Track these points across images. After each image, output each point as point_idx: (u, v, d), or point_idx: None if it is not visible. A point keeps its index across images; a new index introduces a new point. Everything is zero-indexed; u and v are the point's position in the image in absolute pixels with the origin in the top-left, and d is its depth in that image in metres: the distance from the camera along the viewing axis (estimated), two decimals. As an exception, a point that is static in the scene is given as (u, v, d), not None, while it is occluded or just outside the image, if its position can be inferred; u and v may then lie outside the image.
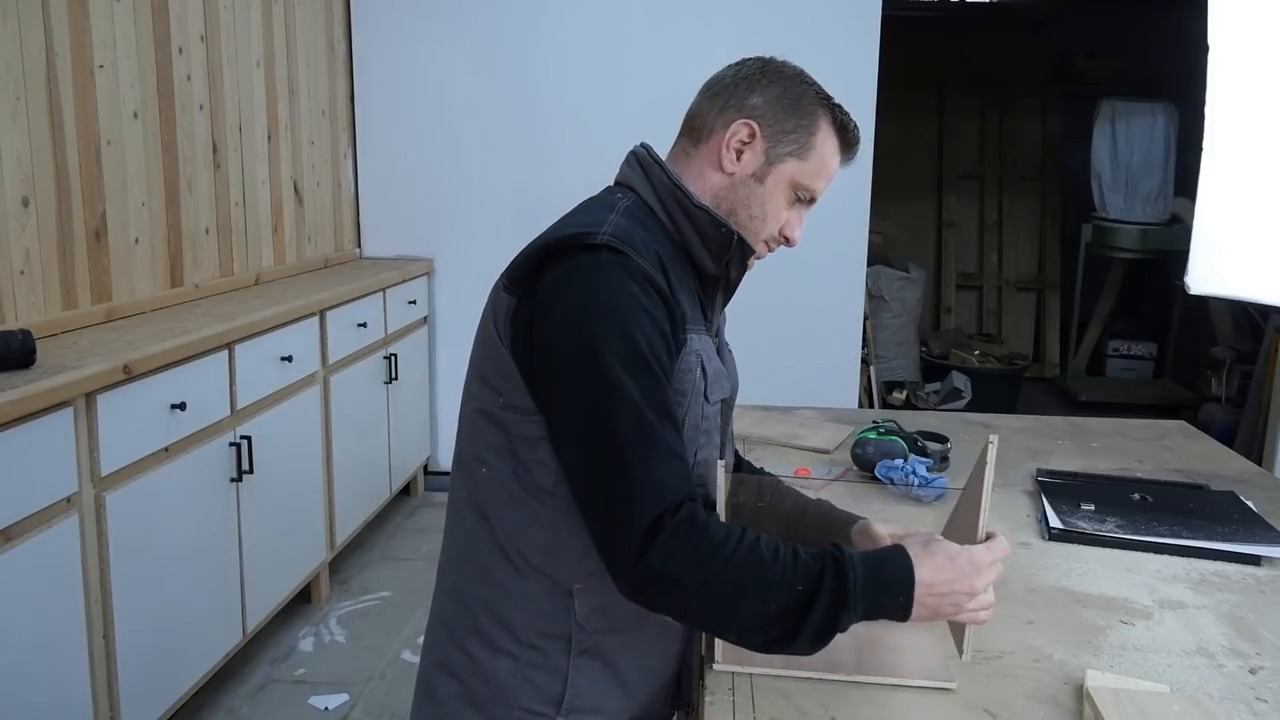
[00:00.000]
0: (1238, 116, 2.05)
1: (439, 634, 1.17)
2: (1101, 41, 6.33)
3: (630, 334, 0.98)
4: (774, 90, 1.14)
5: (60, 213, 2.28)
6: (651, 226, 1.11)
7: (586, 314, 0.99)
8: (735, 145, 1.14)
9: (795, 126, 1.14)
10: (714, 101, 1.16)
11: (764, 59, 1.18)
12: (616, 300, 0.99)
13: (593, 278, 1.01)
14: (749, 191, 1.15)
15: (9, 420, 1.71)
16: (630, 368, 0.97)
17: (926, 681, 1.06)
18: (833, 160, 1.18)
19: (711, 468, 1.10)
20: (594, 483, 0.98)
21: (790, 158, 1.14)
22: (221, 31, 2.96)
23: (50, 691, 1.84)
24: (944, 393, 5.51)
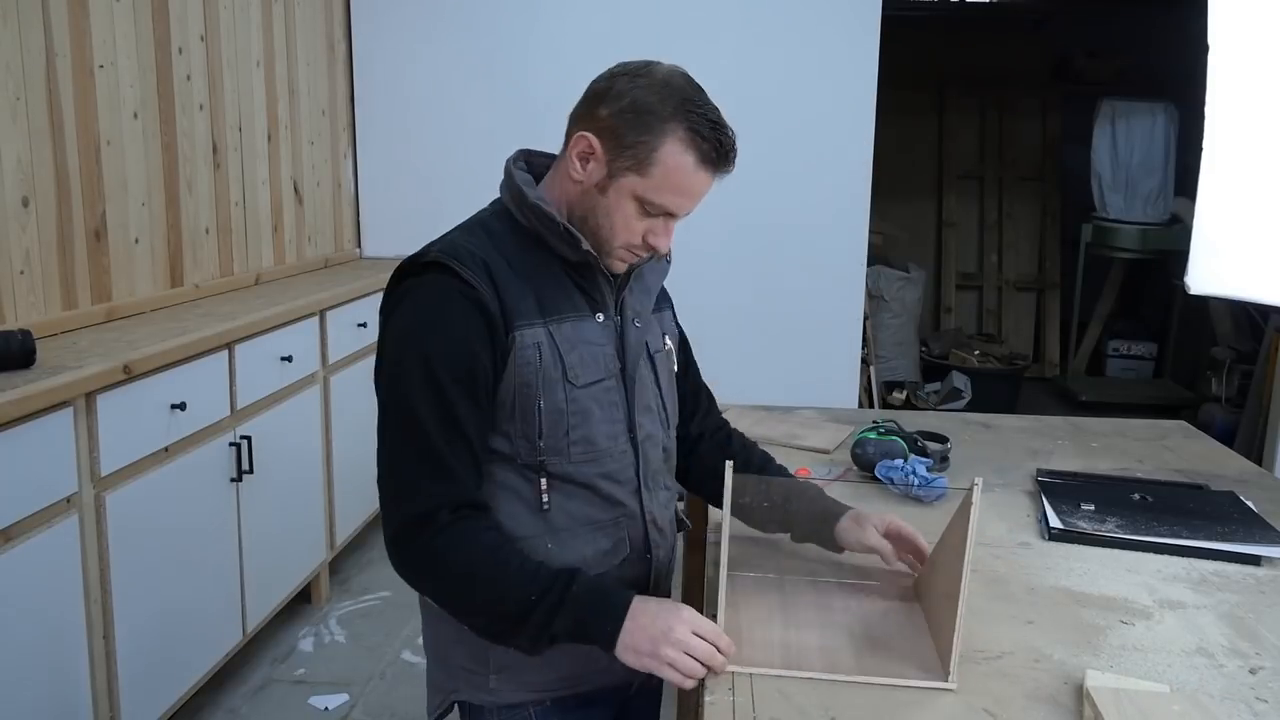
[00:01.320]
0: (1238, 116, 2.05)
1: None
2: (1101, 41, 6.33)
3: (426, 355, 1.12)
4: (624, 102, 1.14)
5: (60, 213, 2.28)
6: (500, 230, 1.21)
7: (397, 339, 1.16)
8: (578, 155, 1.17)
9: (635, 142, 1.14)
10: (579, 107, 1.20)
11: (636, 65, 1.18)
12: (423, 321, 1.14)
13: (412, 298, 1.16)
14: (594, 201, 1.18)
15: (9, 420, 1.71)
16: (422, 387, 1.12)
17: (926, 681, 1.06)
18: (685, 176, 1.15)
19: (598, 443, 1.21)
20: (379, 480, 1.16)
21: (629, 173, 1.15)
22: (221, 31, 2.96)
23: (50, 691, 1.84)
24: (944, 393, 5.51)
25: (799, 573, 1.32)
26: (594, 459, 1.21)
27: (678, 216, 1.20)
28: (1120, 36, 6.23)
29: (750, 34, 3.83)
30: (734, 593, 1.21)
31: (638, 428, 1.25)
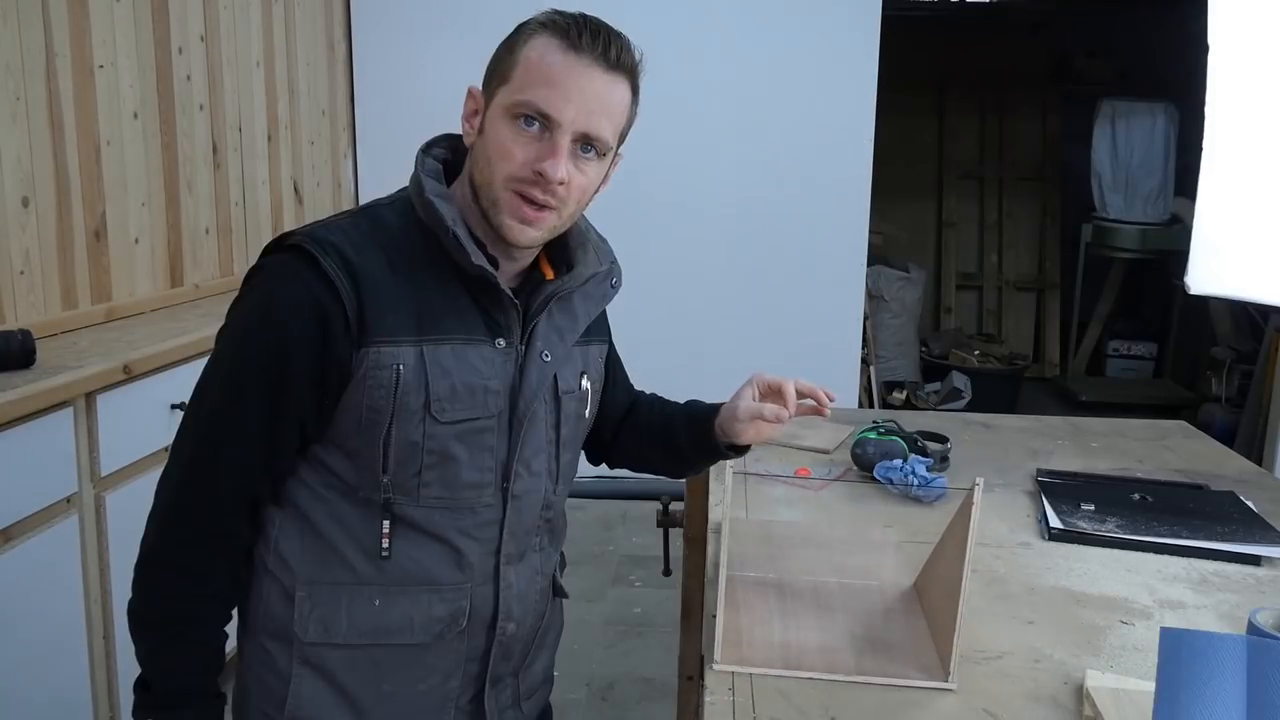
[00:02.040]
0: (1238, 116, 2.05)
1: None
2: (1101, 41, 6.33)
3: (238, 349, 1.02)
4: (501, 47, 1.04)
5: (60, 213, 2.28)
6: (393, 224, 1.05)
7: (227, 322, 1.05)
8: (466, 116, 1.06)
9: (500, 60, 1.03)
10: None
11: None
12: (253, 308, 1.02)
13: (253, 281, 1.03)
14: (480, 152, 1.03)
15: (9, 420, 1.71)
16: (223, 384, 1.02)
17: (926, 682, 1.06)
18: (550, 65, 0.99)
19: (456, 492, 1.05)
20: (163, 472, 1.05)
21: (498, 90, 1.01)
22: (221, 31, 2.96)
23: (50, 691, 1.84)
24: (944, 393, 5.51)
25: (799, 573, 1.32)
26: (449, 508, 1.05)
27: (557, 120, 0.99)
28: (1120, 36, 6.23)
29: (750, 34, 3.83)
30: (734, 593, 1.21)
31: (514, 479, 1.08)
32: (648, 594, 3.22)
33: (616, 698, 2.63)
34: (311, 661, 1.07)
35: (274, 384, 0.99)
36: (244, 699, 1.12)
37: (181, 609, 1.04)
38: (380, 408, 1.01)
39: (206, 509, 1.02)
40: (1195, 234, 2.18)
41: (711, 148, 3.89)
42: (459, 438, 1.04)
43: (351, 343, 0.99)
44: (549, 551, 1.19)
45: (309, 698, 1.08)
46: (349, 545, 1.05)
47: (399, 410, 1.01)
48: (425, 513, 1.05)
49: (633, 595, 3.22)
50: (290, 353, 0.99)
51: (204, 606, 1.05)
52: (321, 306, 0.98)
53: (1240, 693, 0.78)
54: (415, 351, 1.01)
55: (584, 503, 3.79)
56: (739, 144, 3.90)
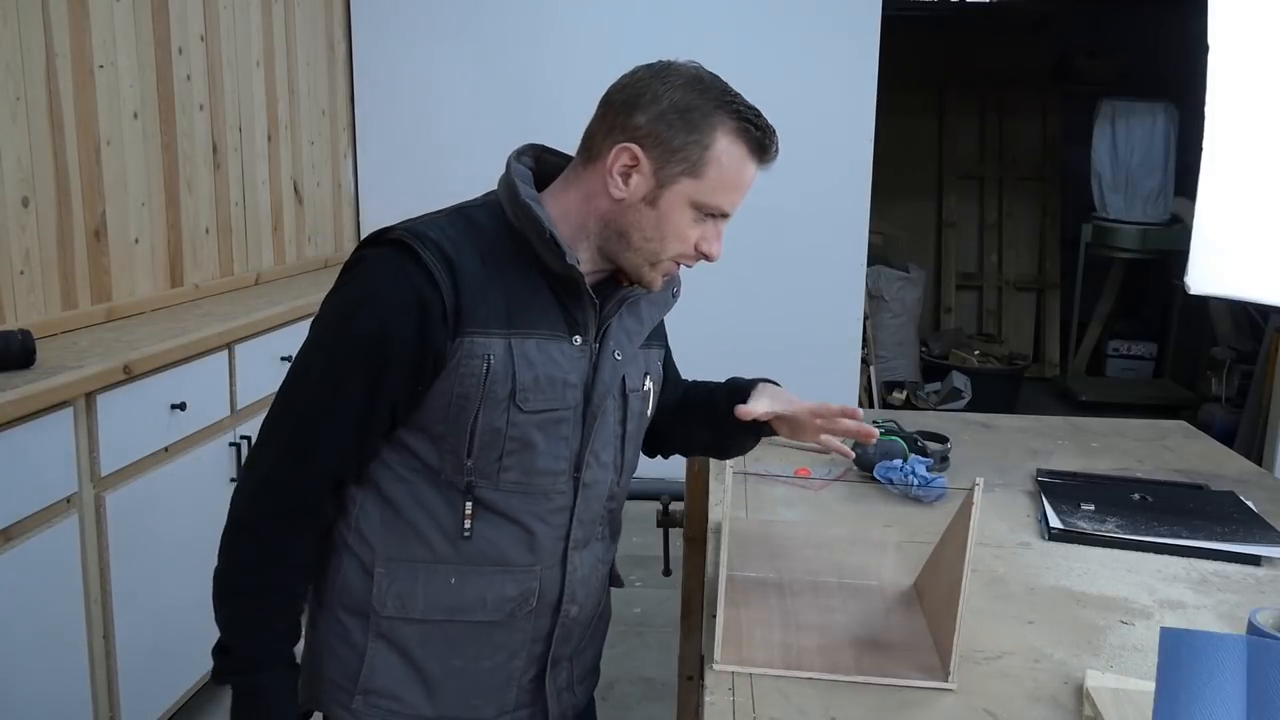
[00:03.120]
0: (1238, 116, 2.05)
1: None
2: (1101, 41, 6.33)
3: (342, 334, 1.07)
4: (661, 105, 1.06)
5: (60, 213, 2.28)
6: (485, 223, 1.10)
7: (331, 307, 1.10)
8: (620, 171, 1.07)
9: (685, 144, 1.06)
10: (603, 120, 1.10)
11: (657, 66, 1.10)
12: (358, 298, 1.07)
13: (356, 271, 1.09)
14: (639, 216, 1.09)
15: (9, 420, 1.71)
16: (325, 369, 1.07)
17: (926, 681, 1.06)
18: (739, 170, 1.08)
19: (533, 478, 1.11)
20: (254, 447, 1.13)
21: (683, 177, 1.07)
22: (221, 31, 2.96)
23: (50, 691, 1.84)
24: (944, 393, 5.51)
25: (799, 573, 1.32)
26: (526, 492, 1.12)
27: (729, 216, 1.11)
28: (1120, 36, 6.23)
29: (750, 34, 3.83)
30: (734, 593, 1.21)
31: (585, 469, 1.14)
32: (648, 594, 3.21)
33: (616, 698, 2.63)
34: (387, 635, 1.13)
35: (374, 373, 1.05)
36: (316, 670, 1.17)
37: (264, 579, 1.10)
38: (470, 395, 1.06)
39: (297, 487, 1.08)
40: (1195, 234, 2.18)
41: (711, 148, 3.89)
42: (539, 427, 1.10)
43: (448, 333, 1.05)
44: (609, 541, 1.26)
45: (383, 670, 1.13)
46: (430, 525, 1.10)
47: (486, 398, 1.07)
48: (504, 496, 1.11)
49: (633, 595, 3.22)
50: (391, 343, 1.04)
51: (286, 577, 1.11)
52: (422, 298, 1.03)
53: (1240, 693, 0.78)
54: (504, 343, 1.07)
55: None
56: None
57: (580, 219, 1.11)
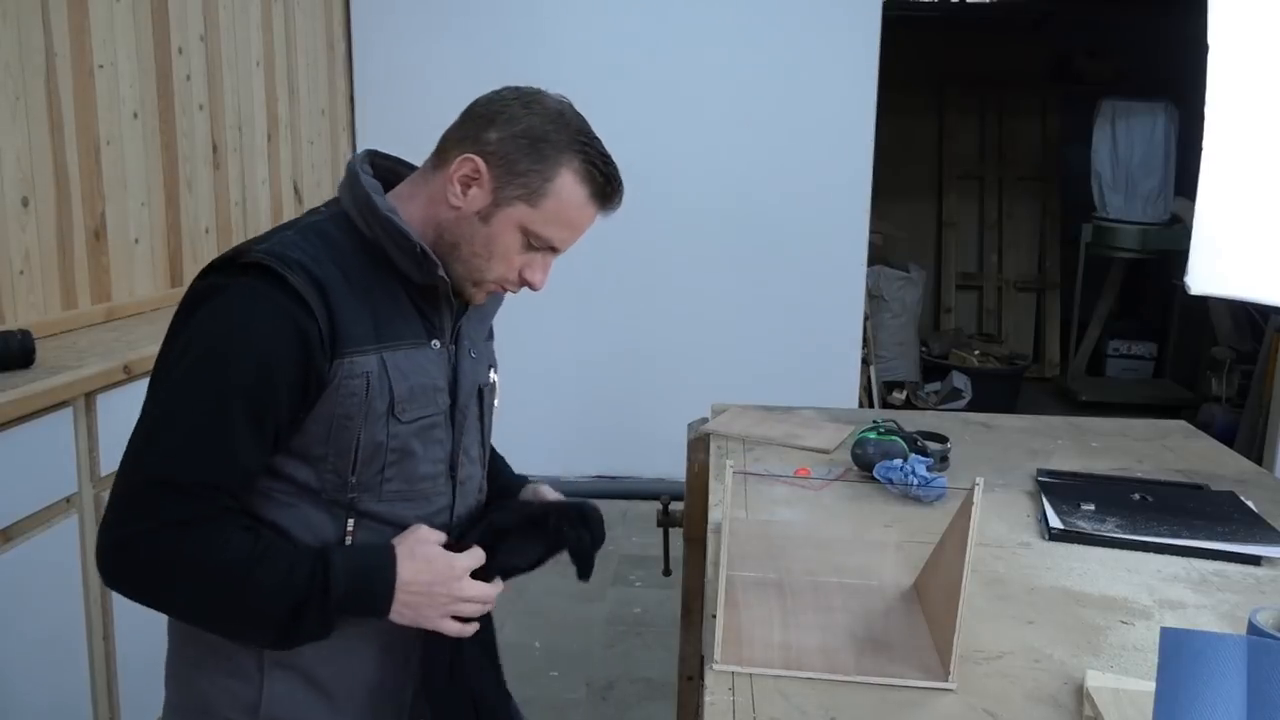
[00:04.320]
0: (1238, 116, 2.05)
1: (170, 652, 1.22)
2: (1101, 41, 6.33)
3: (221, 372, 0.99)
4: (517, 127, 1.07)
5: (60, 213, 2.28)
6: (339, 239, 1.08)
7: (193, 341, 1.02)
8: (460, 179, 1.08)
9: (528, 170, 1.06)
10: (460, 129, 1.11)
11: (527, 91, 1.12)
12: (229, 330, 1.01)
13: (216, 301, 1.01)
14: (471, 229, 1.09)
15: (9, 420, 1.71)
16: (205, 405, 0.99)
17: (926, 681, 1.06)
18: (577, 211, 1.09)
19: (415, 484, 1.11)
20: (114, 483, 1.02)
21: (519, 202, 1.07)
22: (221, 31, 2.96)
23: (50, 691, 1.84)
24: (944, 393, 5.51)
25: (799, 573, 1.32)
26: (409, 499, 1.12)
27: (559, 252, 1.12)
28: (1120, 36, 6.23)
29: (750, 34, 3.83)
30: (734, 593, 1.21)
31: (459, 467, 1.17)
32: (648, 594, 3.21)
33: (616, 698, 2.63)
34: (284, 661, 1.10)
35: (259, 410, 1.00)
36: (203, 710, 1.14)
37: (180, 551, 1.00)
38: (353, 414, 1.05)
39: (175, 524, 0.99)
40: (1195, 234, 2.18)
41: (712, 148, 3.89)
42: (417, 435, 1.11)
43: (326, 356, 1.02)
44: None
45: (282, 696, 1.11)
46: (313, 544, 1.07)
47: (368, 415, 1.06)
48: (387, 506, 1.11)
49: (633, 595, 3.22)
50: (274, 372, 1.00)
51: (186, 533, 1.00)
52: (300, 327, 1.00)
53: (1240, 693, 0.78)
54: (378, 358, 1.06)
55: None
56: (739, 144, 3.90)
57: (423, 223, 1.10)
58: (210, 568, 1.00)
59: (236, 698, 1.11)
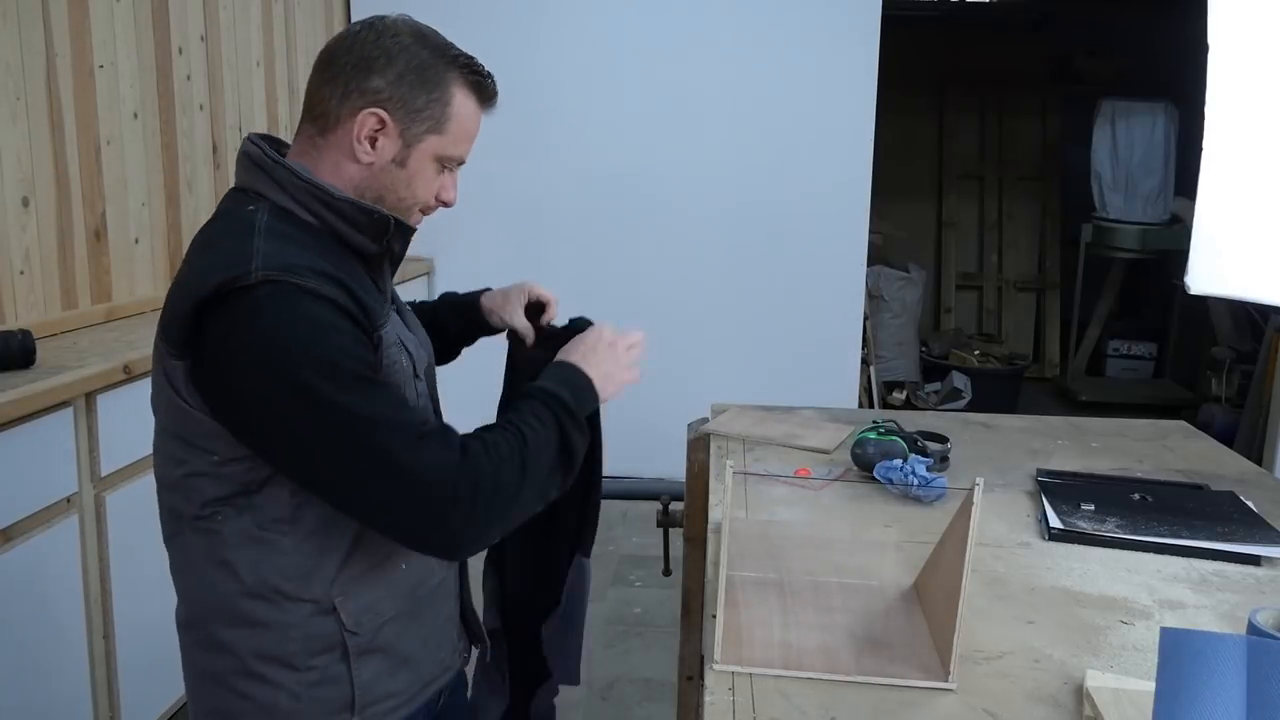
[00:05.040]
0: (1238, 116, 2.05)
1: (204, 686, 1.14)
2: (1101, 41, 6.33)
3: (329, 359, 0.97)
4: (396, 66, 1.07)
5: (60, 213, 2.28)
6: (297, 233, 1.05)
7: (277, 361, 0.97)
8: (367, 135, 1.07)
9: (427, 102, 1.09)
10: (333, 85, 1.08)
11: (376, 24, 1.10)
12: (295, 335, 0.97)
13: (260, 324, 0.97)
14: (391, 177, 1.10)
15: (9, 420, 1.71)
16: (347, 389, 0.97)
17: (926, 681, 1.06)
18: (473, 121, 1.14)
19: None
20: (371, 498, 1.00)
21: (429, 134, 1.10)
22: (221, 31, 2.96)
23: (50, 691, 1.84)
24: (944, 393, 5.51)
25: (799, 573, 1.32)
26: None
27: (463, 164, 1.18)
28: (1120, 36, 6.23)
29: (750, 34, 3.83)
30: (734, 593, 1.21)
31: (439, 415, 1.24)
32: (648, 594, 3.21)
33: (616, 698, 2.63)
34: (368, 648, 1.13)
35: (369, 361, 1.03)
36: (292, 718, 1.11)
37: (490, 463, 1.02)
38: (400, 381, 1.11)
39: (428, 451, 1.00)
40: (1195, 234, 2.18)
41: (711, 148, 3.89)
42: (424, 392, 1.20)
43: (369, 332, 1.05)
44: None
45: (374, 679, 1.14)
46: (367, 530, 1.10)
47: (405, 381, 1.12)
48: None
49: (633, 595, 3.22)
50: (359, 343, 1.02)
51: (502, 436, 1.05)
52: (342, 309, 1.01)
53: (1240, 693, 0.78)
54: (389, 327, 1.12)
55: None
56: (739, 144, 3.90)
57: (345, 189, 1.09)
58: (516, 456, 1.04)
59: (329, 703, 1.11)
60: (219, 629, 1.10)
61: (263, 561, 1.07)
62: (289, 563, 1.07)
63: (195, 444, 1.06)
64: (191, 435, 1.06)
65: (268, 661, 1.09)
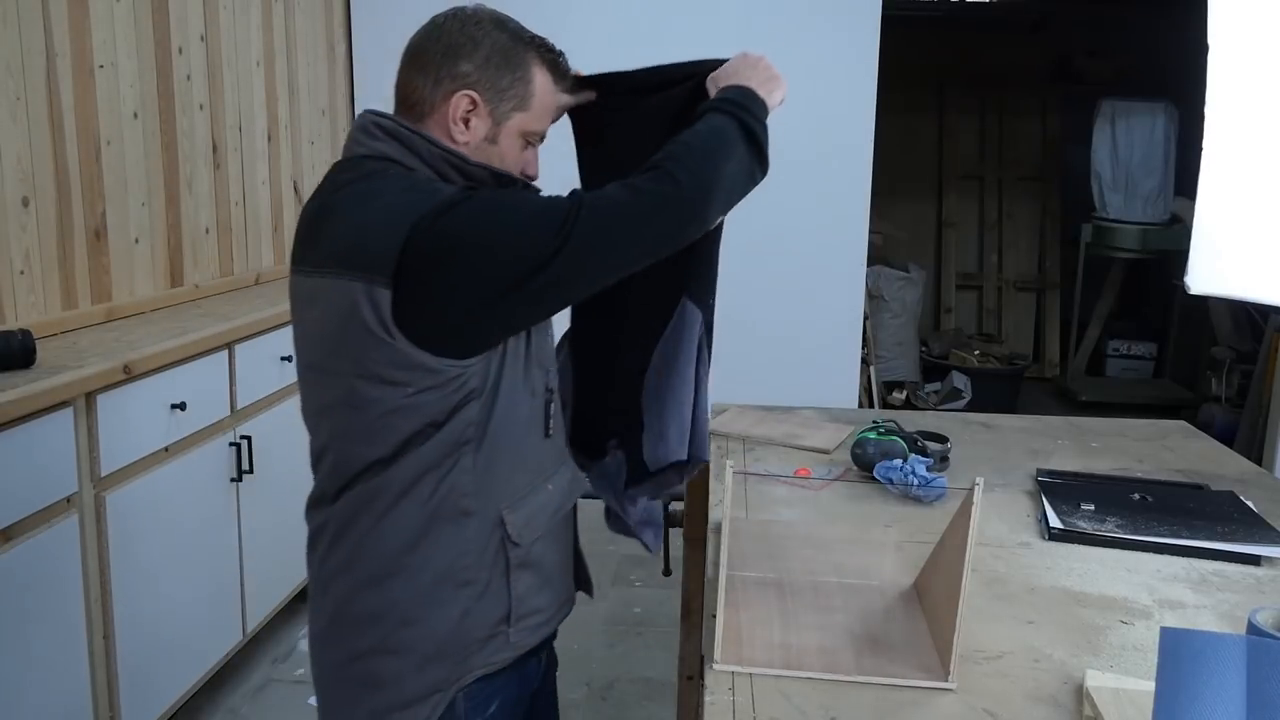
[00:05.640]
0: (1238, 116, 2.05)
1: (361, 627, 1.21)
2: (1101, 41, 6.33)
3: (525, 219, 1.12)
4: (481, 51, 1.18)
5: (60, 213, 2.28)
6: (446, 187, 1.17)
7: (487, 222, 1.11)
8: (461, 116, 1.18)
9: (512, 81, 1.20)
10: (424, 74, 1.19)
11: (458, 14, 1.22)
12: (504, 211, 1.13)
13: (476, 214, 1.10)
14: (485, 154, 1.21)
15: (9, 420, 1.71)
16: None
17: (926, 681, 1.06)
18: (551, 97, 1.24)
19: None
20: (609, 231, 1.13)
21: (515, 112, 1.21)
22: (221, 31, 2.96)
23: (50, 691, 1.84)
24: (944, 393, 5.51)
25: (799, 573, 1.32)
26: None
27: (544, 139, 1.27)
28: (1120, 36, 6.23)
29: (750, 34, 3.82)
30: (734, 593, 1.21)
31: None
32: (648, 594, 3.21)
33: (616, 698, 2.63)
34: (523, 562, 1.23)
35: None
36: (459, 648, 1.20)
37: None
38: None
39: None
40: (1195, 234, 2.17)
41: (711, 148, 3.89)
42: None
43: None
44: None
45: (527, 592, 1.24)
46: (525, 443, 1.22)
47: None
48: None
49: (633, 595, 3.22)
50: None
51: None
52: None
53: (1240, 693, 0.78)
54: None
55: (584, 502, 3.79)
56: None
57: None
58: (698, 145, 1.17)
59: (491, 615, 1.21)
60: (395, 556, 1.17)
61: (446, 483, 1.15)
62: (469, 480, 1.16)
63: (388, 379, 1.11)
64: (384, 369, 1.11)
65: (442, 581, 1.18)
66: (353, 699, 1.23)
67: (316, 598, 1.26)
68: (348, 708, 1.24)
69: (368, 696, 1.21)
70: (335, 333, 1.13)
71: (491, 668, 1.23)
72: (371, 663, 1.20)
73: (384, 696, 1.20)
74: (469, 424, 1.14)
